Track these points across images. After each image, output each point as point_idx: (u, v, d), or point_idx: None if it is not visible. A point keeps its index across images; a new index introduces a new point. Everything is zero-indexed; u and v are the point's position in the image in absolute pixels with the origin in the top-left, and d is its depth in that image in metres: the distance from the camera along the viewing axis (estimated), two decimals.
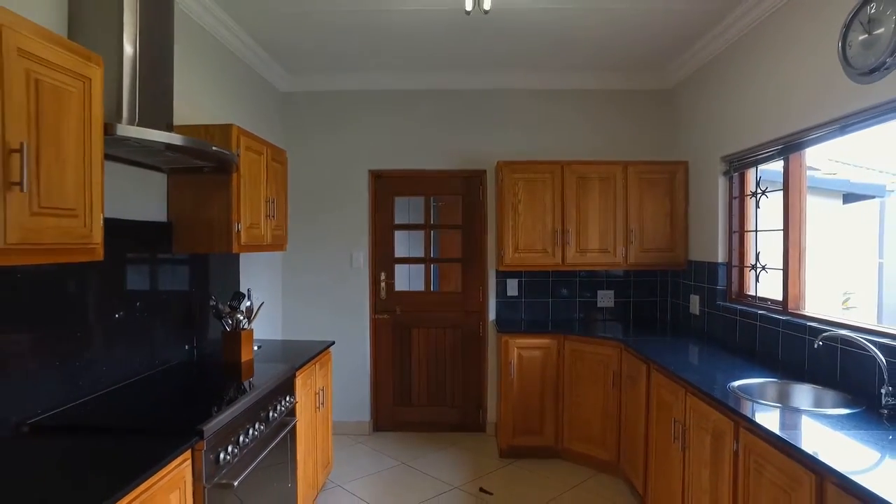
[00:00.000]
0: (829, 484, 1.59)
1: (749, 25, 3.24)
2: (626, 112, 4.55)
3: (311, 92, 4.53)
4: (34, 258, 1.53)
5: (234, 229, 2.78)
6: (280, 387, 2.61)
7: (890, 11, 2.12)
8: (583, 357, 3.91)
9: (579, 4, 3.16)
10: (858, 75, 2.31)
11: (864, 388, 2.24)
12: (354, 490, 3.56)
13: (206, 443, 1.85)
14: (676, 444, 2.70)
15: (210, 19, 3.20)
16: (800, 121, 2.80)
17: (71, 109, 1.63)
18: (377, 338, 4.66)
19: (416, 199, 4.81)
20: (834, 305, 7.37)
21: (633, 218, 4.20)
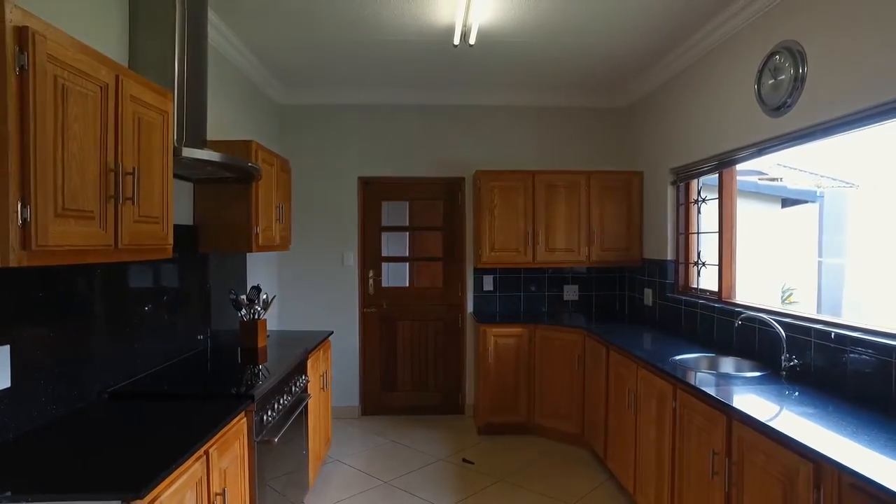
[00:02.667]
0: (735, 420, 2.15)
1: (692, 60, 3.82)
2: (590, 127, 5.12)
3: (306, 105, 4.96)
4: (135, 256, 1.96)
5: (254, 232, 3.21)
6: (298, 366, 3.06)
7: (789, 63, 2.71)
8: (551, 343, 4.45)
9: (550, 38, 3.69)
10: (770, 111, 2.90)
11: (772, 357, 2.82)
12: (351, 463, 4.01)
13: (256, 405, 2.29)
14: (630, 411, 3.26)
15: (219, 38, 3.54)
16: (730, 142, 3.39)
17: (157, 138, 2.06)
18: (365, 329, 5.12)
19: (401, 203, 5.28)
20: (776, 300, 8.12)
21: (595, 221, 4.76)
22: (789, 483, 1.84)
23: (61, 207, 1.58)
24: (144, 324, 2.65)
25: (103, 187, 1.76)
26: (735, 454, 2.17)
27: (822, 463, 1.70)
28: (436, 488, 3.60)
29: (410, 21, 3.40)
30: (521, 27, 3.49)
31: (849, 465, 1.58)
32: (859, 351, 2.35)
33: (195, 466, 1.80)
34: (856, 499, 1.57)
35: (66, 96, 1.60)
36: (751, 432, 2.07)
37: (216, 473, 1.95)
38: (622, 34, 3.62)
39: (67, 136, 1.61)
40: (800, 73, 2.68)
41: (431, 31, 3.55)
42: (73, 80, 1.62)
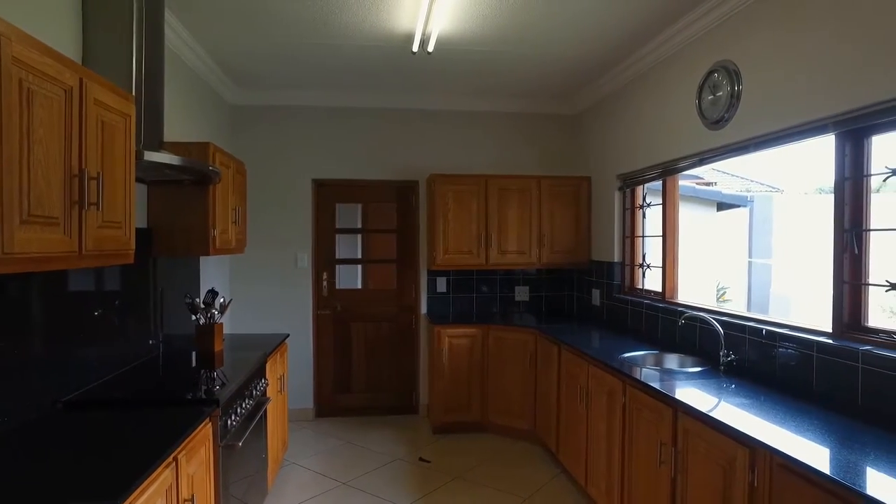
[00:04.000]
0: (680, 413, 2.33)
1: (639, 71, 4.03)
2: (542, 133, 5.30)
3: (259, 106, 4.90)
4: (99, 262, 1.93)
5: (211, 234, 3.17)
6: (258, 370, 3.05)
7: (726, 81, 2.94)
8: (504, 343, 4.58)
9: (506, 47, 3.81)
10: (710, 124, 3.12)
11: (712, 353, 3.04)
12: (308, 465, 4.02)
13: (221, 409, 2.29)
14: (581, 406, 3.42)
15: (170, 34, 3.36)
16: (674, 152, 3.61)
17: (119, 142, 2.03)
18: (319, 331, 5.11)
19: (355, 205, 5.30)
20: (711, 297, 8.58)
21: (545, 224, 4.93)
22: (728, 467, 2.02)
23: (27, 214, 1.56)
24: (95, 330, 2.58)
25: (68, 193, 1.74)
26: (680, 443, 2.34)
27: (756, 447, 1.88)
28: (394, 487, 3.66)
29: (370, 27, 3.45)
30: (480, 37, 3.60)
31: (778, 448, 1.76)
32: (786, 346, 2.58)
33: (165, 473, 1.80)
34: (784, 477, 1.76)
35: (32, 100, 1.58)
36: (694, 423, 2.24)
37: (185, 479, 1.95)
38: (575, 45, 3.79)
39: (33, 140, 1.59)
40: (736, 91, 2.90)
41: (390, 37, 3.60)
42: (37, 83, 1.60)
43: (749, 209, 9.69)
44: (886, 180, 2.21)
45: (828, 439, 1.88)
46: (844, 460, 1.70)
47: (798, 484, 1.69)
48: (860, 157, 2.36)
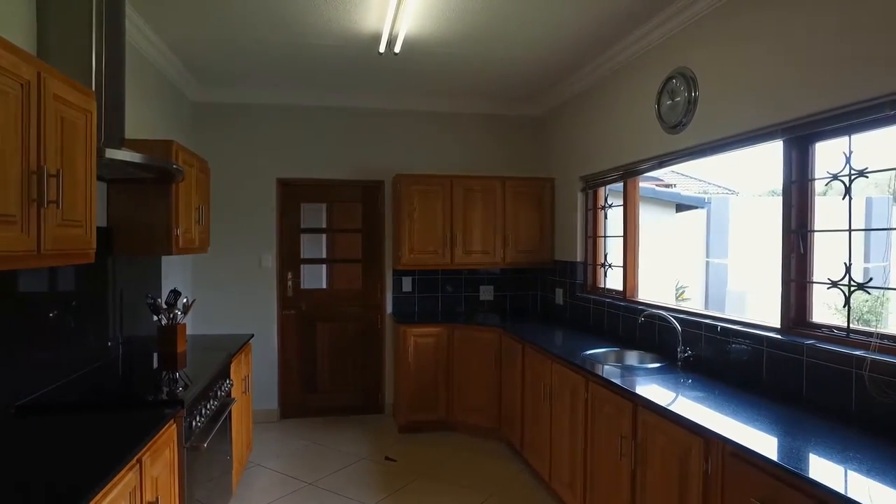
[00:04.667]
0: (640, 407, 2.41)
1: (603, 75, 4.13)
2: (507, 134, 5.37)
3: (222, 103, 4.83)
4: (58, 261, 1.89)
5: (174, 234, 3.12)
6: (223, 370, 3.02)
7: (683, 87, 3.05)
8: (469, 342, 4.63)
9: (472, 49, 3.85)
10: (668, 128, 3.23)
11: (670, 349, 3.15)
12: (274, 466, 3.98)
13: (186, 410, 2.26)
14: (545, 403, 3.49)
15: (129, 27, 3.26)
16: (634, 154, 3.71)
17: (80, 139, 1.99)
18: (284, 332, 5.06)
19: (320, 205, 5.27)
20: (671, 296, 8.83)
21: (509, 224, 5.00)
22: (684, 457, 2.11)
23: None
24: (50, 332, 2.50)
25: (26, 190, 1.70)
26: (640, 436, 2.42)
27: (710, 438, 1.97)
28: (360, 487, 3.67)
29: (337, 27, 3.44)
30: (446, 39, 3.64)
31: (730, 438, 1.86)
32: (739, 341, 2.70)
33: (129, 476, 1.77)
34: (735, 464, 1.85)
35: None
36: (653, 416, 2.33)
37: (149, 482, 1.92)
38: (539, 49, 3.86)
39: None
40: (693, 97, 3.02)
41: (357, 37, 3.61)
42: None
43: (706, 210, 10.00)
44: (829, 184, 2.35)
45: (775, 428, 1.99)
46: (789, 447, 1.80)
47: (748, 470, 1.79)
48: (805, 162, 2.49)
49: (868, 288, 2.21)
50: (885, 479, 1.54)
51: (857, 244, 2.30)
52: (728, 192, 12.50)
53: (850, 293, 2.25)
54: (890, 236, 2.71)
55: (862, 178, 2.22)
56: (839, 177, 2.28)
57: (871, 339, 2.10)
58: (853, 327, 2.25)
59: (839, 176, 2.28)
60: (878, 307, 6.56)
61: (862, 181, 2.23)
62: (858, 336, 2.19)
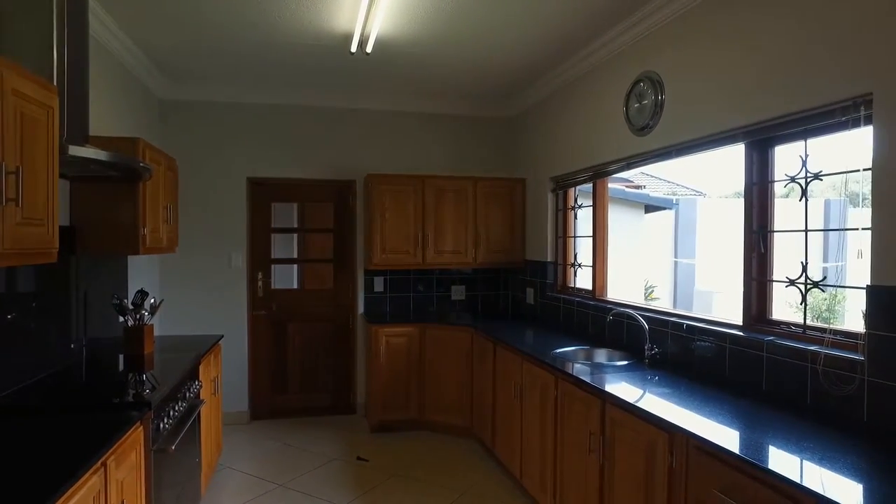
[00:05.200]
0: (608, 403, 2.46)
1: (572, 77, 4.18)
2: (478, 134, 5.41)
3: (191, 101, 4.75)
4: (18, 261, 1.84)
5: (141, 233, 3.06)
6: (191, 372, 2.97)
7: (650, 91, 3.12)
8: (441, 341, 4.65)
9: (444, 50, 3.87)
10: (636, 130, 3.30)
11: (638, 347, 3.22)
12: (244, 469, 3.94)
13: (153, 412, 2.23)
14: (516, 402, 3.53)
15: (91, 20, 3.22)
16: (603, 156, 3.78)
17: (41, 135, 1.94)
18: (255, 333, 5.00)
19: (291, 204, 5.23)
20: (640, 296, 9.00)
21: (481, 225, 5.04)
22: (651, 452, 2.16)
23: None
24: (8, 334, 2.42)
25: None
26: (608, 432, 2.47)
27: (675, 432, 2.02)
28: (331, 487, 3.65)
29: (308, 26, 3.43)
30: (418, 39, 3.65)
31: (694, 432, 1.91)
32: (704, 339, 2.77)
33: (93, 479, 1.73)
34: (699, 457, 1.91)
35: None
36: (621, 412, 2.38)
37: (114, 486, 1.88)
38: (511, 51, 3.90)
39: None
40: (660, 100, 3.09)
41: (329, 37, 3.59)
42: None
43: (675, 211, 10.21)
44: (788, 185, 2.43)
45: (736, 422, 2.05)
46: (749, 439, 1.87)
47: (711, 463, 1.84)
48: (765, 164, 2.57)
49: (822, 286, 2.30)
50: (836, 467, 1.61)
51: (815, 245, 2.39)
52: (696, 194, 12.79)
53: (806, 291, 2.34)
54: (845, 237, 2.82)
55: (821, 181, 2.30)
56: (796, 179, 2.37)
57: (825, 334, 2.18)
58: (809, 324, 2.33)
59: (796, 178, 2.37)
60: (835, 305, 6.81)
61: (821, 185, 2.32)
62: (814, 332, 2.28)
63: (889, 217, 1.93)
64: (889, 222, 1.93)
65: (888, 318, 1.91)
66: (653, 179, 12.57)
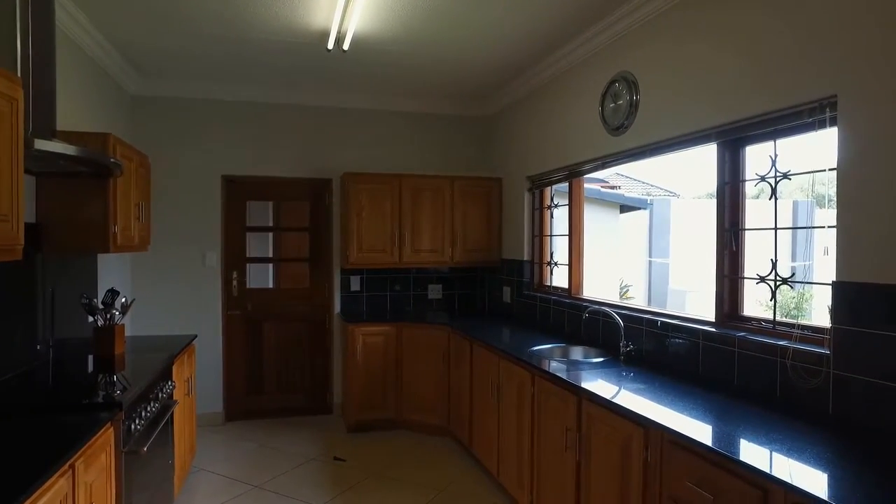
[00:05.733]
0: (584, 400, 2.49)
1: (549, 77, 4.21)
2: (456, 134, 5.41)
3: (164, 97, 4.66)
4: None
5: (111, 231, 3.00)
6: (164, 372, 2.92)
7: (626, 91, 3.17)
8: (418, 341, 4.65)
9: (423, 49, 3.87)
10: (611, 130, 3.34)
11: (613, 344, 3.26)
12: (218, 471, 3.88)
13: (124, 413, 2.18)
14: (493, 399, 3.54)
15: (59, 12, 3.15)
16: (579, 155, 3.82)
17: (5, 129, 1.89)
18: (229, 333, 4.93)
19: (267, 203, 5.17)
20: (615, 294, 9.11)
21: (458, 223, 5.04)
22: (626, 446, 2.19)
23: None
24: None
25: None
26: (584, 428, 2.50)
27: (650, 427, 2.05)
28: (308, 487, 3.62)
29: (285, 23, 3.39)
30: (396, 38, 3.64)
31: (668, 426, 1.94)
32: (677, 335, 2.82)
33: (60, 482, 1.69)
34: (673, 451, 1.94)
35: None
36: (597, 408, 2.41)
37: (83, 489, 1.84)
38: (488, 51, 3.91)
39: None
40: (634, 100, 3.14)
41: (306, 34, 3.56)
42: None
43: (649, 211, 10.38)
44: (758, 185, 2.49)
45: (709, 416, 2.09)
46: (721, 433, 1.91)
47: (684, 456, 1.88)
48: (737, 164, 2.63)
49: (791, 282, 2.36)
50: (802, 457, 1.66)
51: (784, 245, 2.44)
52: (669, 195, 13.00)
53: (776, 287, 2.40)
54: (812, 237, 2.90)
55: (789, 181, 2.36)
56: (766, 178, 2.43)
57: (793, 329, 2.24)
58: (779, 319, 2.39)
59: (766, 177, 2.43)
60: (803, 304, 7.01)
61: (790, 186, 2.39)
62: (783, 328, 2.33)
63: (853, 215, 1.98)
64: (853, 220, 1.98)
65: (852, 312, 1.96)
66: (628, 180, 12.75)
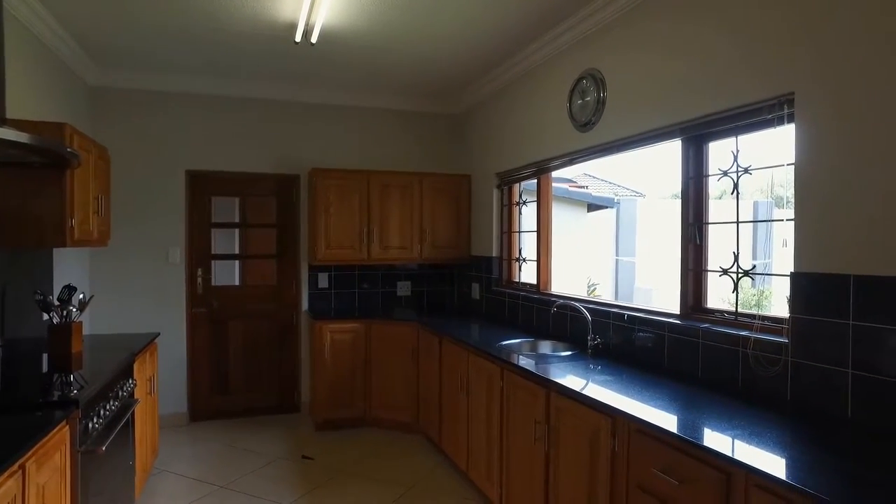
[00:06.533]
0: (553, 392, 2.51)
1: (517, 75, 4.24)
2: (425, 131, 5.40)
3: (125, 89, 4.52)
4: None
5: (68, 225, 2.89)
6: (125, 370, 2.83)
7: (593, 88, 3.21)
8: (386, 337, 4.62)
9: (392, 45, 3.84)
10: (579, 126, 3.38)
11: (581, 338, 3.30)
12: (182, 471, 3.78)
13: (81, 411, 2.10)
14: (462, 394, 3.54)
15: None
16: (547, 151, 3.85)
17: None
18: (194, 331, 4.82)
19: (233, 199, 5.07)
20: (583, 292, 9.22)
21: (426, 220, 5.03)
22: (594, 436, 2.22)
23: None
24: None
25: None
26: (553, 420, 2.52)
27: (617, 416, 2.08)
28: (276, 487, 3.56)
29: (251, 13, 3.32)
30: (365, 32, 3.61)
31: (635, 415, 1.98)
32: (643, 328, 2.87)
33: (9, 483, 1.61)
34: (640, 440, 1.97)
35: None
36: (565, 400, 2.43)
37: (34, 490, 1.76)
38: (458, 46, 3.91)
39: None
40: (601, 97, 3.18)
41: (273, 25, 3.50)
42: None
43: (616, 210, 10.54)
44: (720, 180, 2.55)
45: (674, 405, 2.13)
46: (685, 420, 1.95)
47: (651, 444, 1.91)
48: (701, 159, 2.69)
49: (752, 274, 2.42)
50: (763, 441, 1.70)
51: (746, 244, 2.50)
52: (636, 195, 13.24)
53: (738, 279, 2.46)
54: (771, 233, 2.98)
55: (753, 185, 2.42)
56: (728, 173, 2.49)
57: (754, 320, 2.30)
58: (741, 311, 2.45)
59: (728, 172, 2.49)
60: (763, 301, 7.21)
61: (751, 188, 2.45)
62: (745, 318, 2.40)
63: (809, 208, 2.05)
64: (809, 213, 2.05)
65: (809, 302, 2.03)
66: (595, 181, 12.93)
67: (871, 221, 1.84)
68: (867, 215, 1.85)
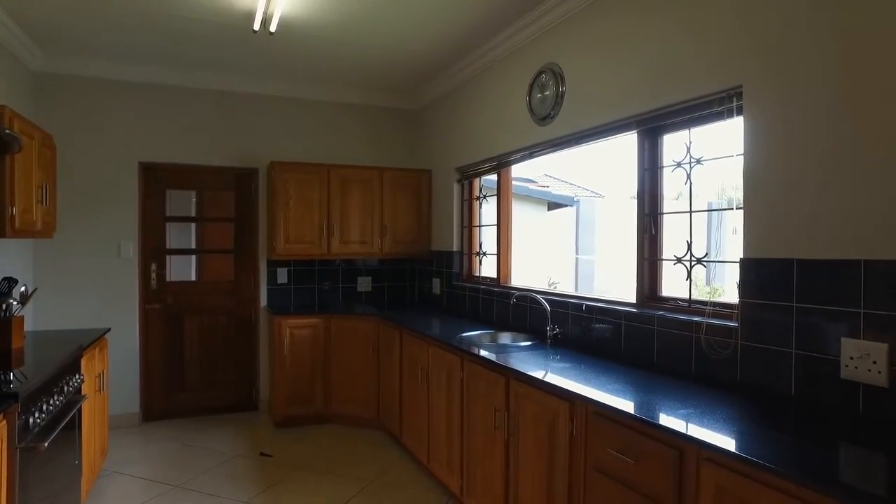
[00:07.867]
0: (512, 379, 2.53)
1: (477, 70, 4.26)
2: (386, 125, 5.37)
3: (73, 76, 4.34)
4: None
5: (8, 213, 2.76)
6: (71, 364, 2.71)
7: (552, 82, 3.25)
8: (347, 332, 4.57)
9: (353, 37, 3.80)
10: (538, 120, 3.42)
11: (540, 329, 3.33)
12: (134, 472, 3.65)
13: (21, 405, 2.01)
14: (423, 387, 3.53)
15: None
16: (507, 145, 3.88)
17: None
18: (147, 328, 4.67)
19: (189, 192, 4.93)
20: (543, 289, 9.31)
21: (387, 215, 5.01)
22: (553, 421, 2.24)
23: None
24: None
25: None
26: (512, 408, 2.54)
27: (575, 401, 2.11)
28: (233, 484, 3.48)
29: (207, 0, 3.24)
30: (325, 23, 3.56)
31: (592, 398, 2.01)
32: (601, 318, 2.92)
33: None
34: (596, 421, 2.01)
35: None
36: (524, 387, 2.45)
37: None
38: (418, 41, 3.90)
39: None
40: (560, 91, 3.22)
41: (230, 13, 3.42)
42: None
43: (576, 209, 10.70)
44: (674, 171, 2.61)
45: (630, 389, 2.18)
46: (640, 402, 1.99)
47: (607, 426, 1.94)
48: (655, 151, 2.75)
49: (704, 261, 2.49)
50: (712, 419, 1.76)
51: (699, 241, 2.57)
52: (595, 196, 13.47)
53: (691, 267, 2.53)
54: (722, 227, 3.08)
55: (707, 188, 2.51)
56: (682, 164, 2.55)
57: (706, 306, 2.37)
58: (694, 298, 2.52)
59: (682, 163, 2.55)
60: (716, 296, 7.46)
61: (705, 189, 2.55)
62: (698, 305, 2.47)
63: (757, 197, 2.12)
64: (757, 202, 2.12)
65: (756, 286, 2.10)
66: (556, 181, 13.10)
67: (810, 209, 1.92)
68: (807, 203, 1.93)
